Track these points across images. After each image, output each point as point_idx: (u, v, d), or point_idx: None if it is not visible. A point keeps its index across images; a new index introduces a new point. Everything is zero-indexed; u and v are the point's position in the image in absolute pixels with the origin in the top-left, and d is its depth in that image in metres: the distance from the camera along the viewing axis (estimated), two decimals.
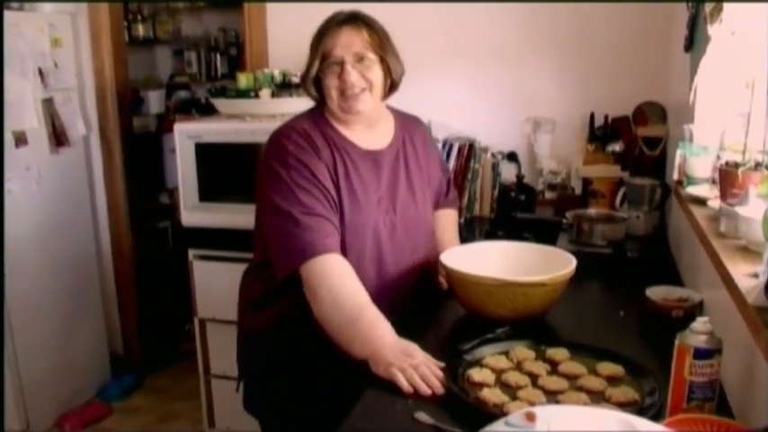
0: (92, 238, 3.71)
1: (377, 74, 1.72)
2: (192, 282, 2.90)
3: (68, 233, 3.51)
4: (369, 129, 1.80)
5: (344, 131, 1.77)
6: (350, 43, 1.69)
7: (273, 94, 2.81)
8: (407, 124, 1.92)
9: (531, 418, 0.87)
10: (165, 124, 4.40)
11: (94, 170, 3.71)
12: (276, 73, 2.87)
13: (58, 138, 3.36)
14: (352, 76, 1.69)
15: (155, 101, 4.45)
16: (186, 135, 2.80)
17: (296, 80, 2.85)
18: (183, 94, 4.60)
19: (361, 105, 1.71)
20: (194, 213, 2.80)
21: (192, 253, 2.85)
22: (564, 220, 2.44)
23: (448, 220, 2.09)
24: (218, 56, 4.75)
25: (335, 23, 1.72)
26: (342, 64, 1.69)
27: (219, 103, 2.93)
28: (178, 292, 3.56)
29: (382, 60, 1.73)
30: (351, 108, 1.71)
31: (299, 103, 2.58)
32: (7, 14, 3.11)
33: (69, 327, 3.53)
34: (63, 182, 3.45)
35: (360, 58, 1.70)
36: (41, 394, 3.35)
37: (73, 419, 3.41)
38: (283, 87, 2.83)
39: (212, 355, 2.98)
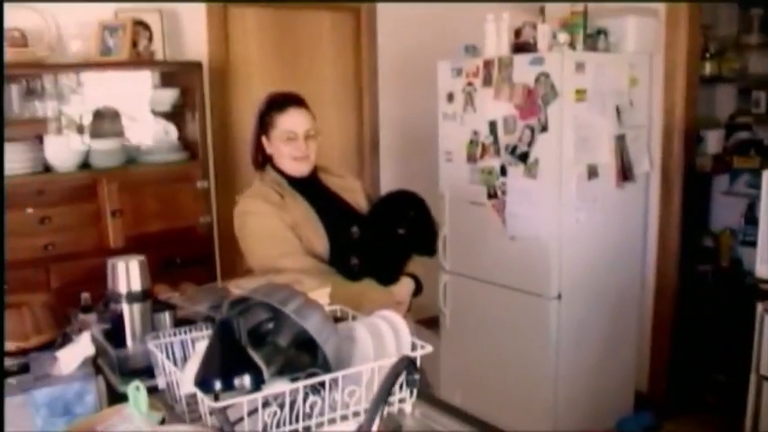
0: (638, 272, 3.77)
1: None
2: (758, 336, 2.73)
3: (618, 265, 3.63)
4: None
5: None
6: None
7: None
8: None
9: None
10: (718, 165, 4.26)
11: (650, 207, 3.76)
12: None
13: (624, 173, 3.49)
14: None
15: (713, 140, 4.31)
16: None
17: None
18: (742, 134, 4.38)
19: None
20: None
21: (761, 306, 2.69)
22: None
23: None
24: None
25: None
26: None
27: None
28: (714, 341, 3.43)
29: None
30: None
31: None
32: (593, 56, 3.33)
33: (604, 355, 3.64)
34: (622, 216, 3.58)
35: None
36: (571, 414, 3.52)
37: None
38: None
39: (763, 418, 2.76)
